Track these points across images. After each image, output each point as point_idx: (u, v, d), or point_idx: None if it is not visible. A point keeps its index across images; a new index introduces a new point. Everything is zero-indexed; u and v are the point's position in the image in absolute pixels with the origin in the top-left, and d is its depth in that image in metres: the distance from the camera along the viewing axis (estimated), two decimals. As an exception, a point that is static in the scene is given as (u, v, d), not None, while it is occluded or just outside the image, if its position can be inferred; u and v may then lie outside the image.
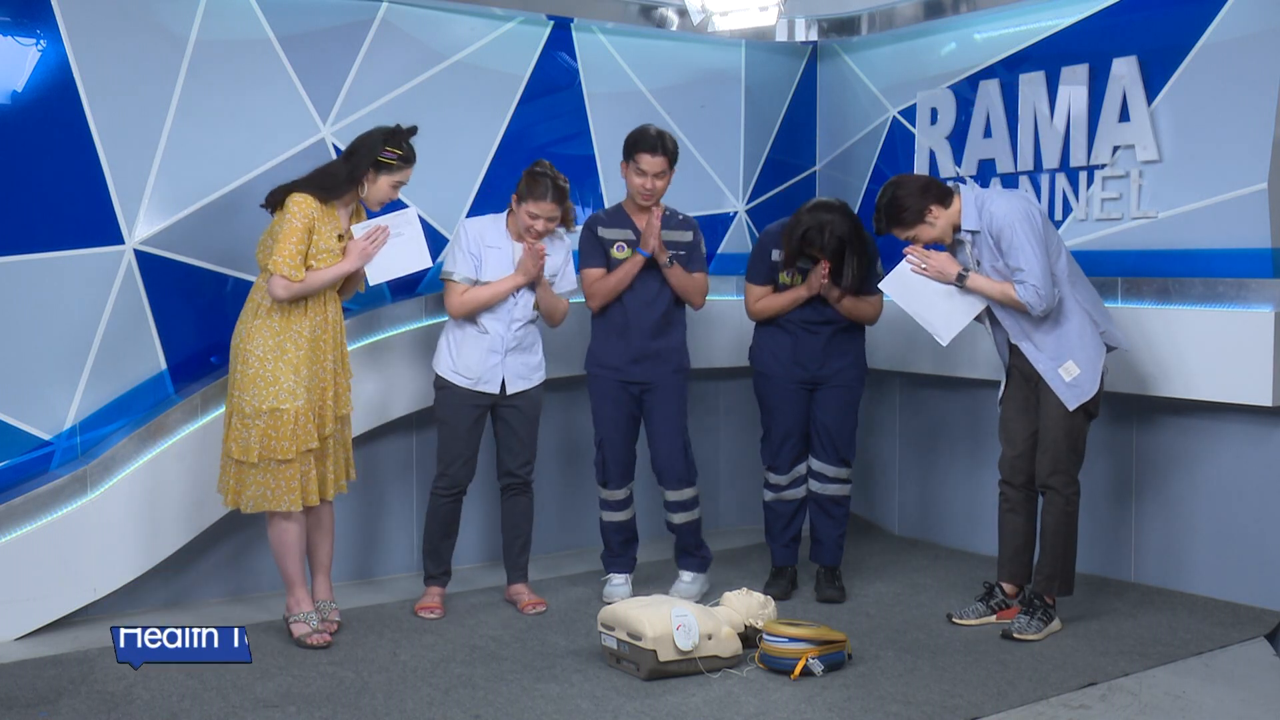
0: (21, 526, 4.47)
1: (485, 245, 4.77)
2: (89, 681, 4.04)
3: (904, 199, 4.48)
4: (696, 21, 5.89)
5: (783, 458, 5.09)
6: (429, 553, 4.89)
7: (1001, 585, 4.68)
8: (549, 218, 4.69)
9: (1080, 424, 4.49)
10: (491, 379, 4.79)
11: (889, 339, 5.56)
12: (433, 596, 4.86)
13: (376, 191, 4.41)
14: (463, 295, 4.75)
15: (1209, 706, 3.87)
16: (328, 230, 4.35)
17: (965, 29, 5.83)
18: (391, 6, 5.32)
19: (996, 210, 4.42)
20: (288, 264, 4.23)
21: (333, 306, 4.43)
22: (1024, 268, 4.34)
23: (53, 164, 4.63)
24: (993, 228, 4.41)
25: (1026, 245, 4.34)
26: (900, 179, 4.57)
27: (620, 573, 5.12)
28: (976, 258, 4.51)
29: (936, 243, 4.54)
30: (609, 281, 4.88)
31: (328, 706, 3.83)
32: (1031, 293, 4.34)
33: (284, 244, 4.24)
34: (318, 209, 4.32)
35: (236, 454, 4.32)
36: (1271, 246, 4.73)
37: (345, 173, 4.39)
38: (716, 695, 3.93)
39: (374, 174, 4.38)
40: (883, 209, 4.52)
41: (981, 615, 4.64)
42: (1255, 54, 4.73)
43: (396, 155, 4.39)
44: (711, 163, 6.24)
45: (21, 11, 4.57)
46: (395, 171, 4.40)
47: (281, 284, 4.25)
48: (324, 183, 4.37)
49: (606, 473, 5.04)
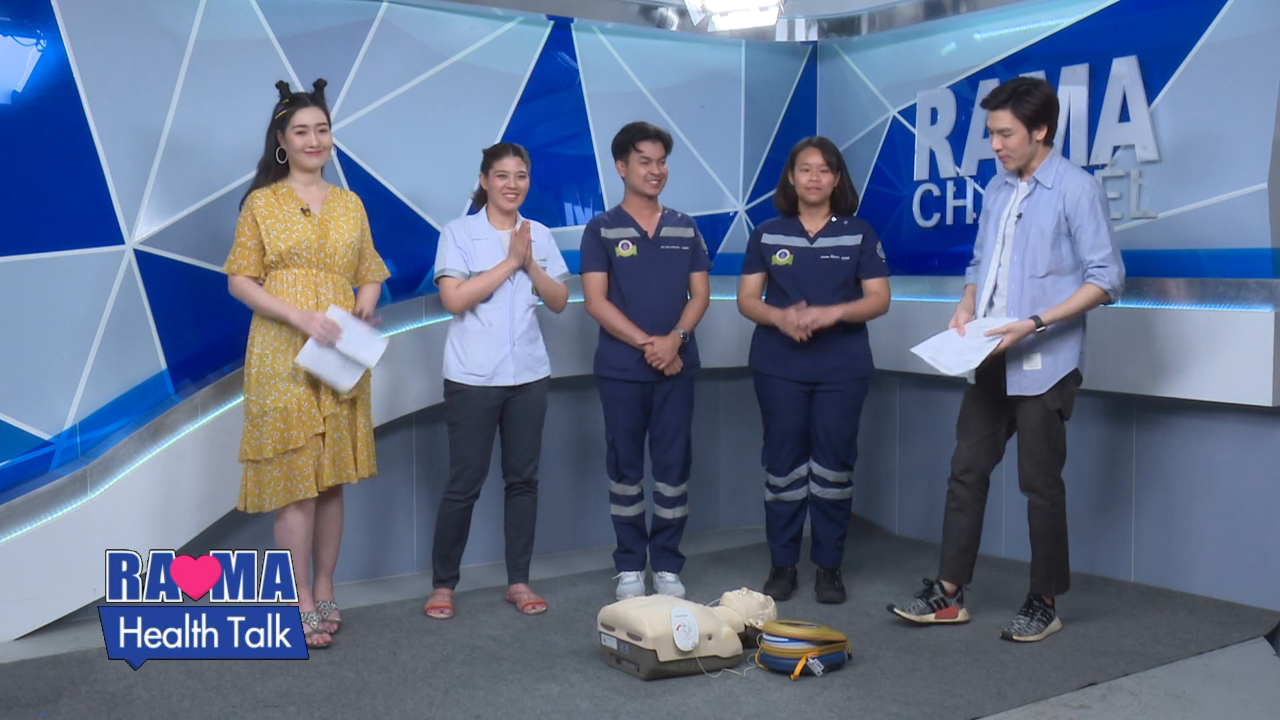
0: (21, 526, 4.48)
1: (472, 239, 4.83)
2: (89, 681, 4.04)
3: (1045, 98, 4.37)
4: (696, 21, 5.89)
5: (781, 459, 5.09)
6: (440, 557, 4.91)
7: (942, 583, 4.67)
8: (518, 173, 4.80)
9: (1058, 424, 4.48)
10: (504, 371, 4.82)
11: (889, 339, 5.56)
12: (442, 597, 4.88)
13: (292, 145, 4.41)
14: (459, 288, 4.77)
15: (1209, 706, 3.87)
16: (284, 210, 4.38)
17: (965, 29, 5.83)
18: (391, 6, 5.32)
19: (1076, 182, 4.36)
20: (226, 261, 4.40)
21: (329, 291, 4.42)
22: (1104, 249, 4.32)
23: (53, 164, 4.63)
24: (1069, 198, 4.35)
25: (1104, 226, 4.35)
26: (1051, 89, 4.48)
27: (632, 570, 5.14)
28: (1019, 211, 4.43)
29: (1008, 158, 4.40)
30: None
31: (328, 706, 3.83)
32: (1114, 276, 4.33)
33: (232, 244, 4.41)
34: (266, 197, 4.39)
35: (252, 455, 4.34)
36: (1271, 246, 4.73)
37: (267, 151, 4.45)
38: (716, 695, 3.93)
39: (283, 135, 4.41)
40: (1023, 86, 4.37)
41: (921, 612, 4.62)
42: (1255, 54, 4.73)
43: (286, 106, 4.41)
44: (711, 163, 6.24)
45: (21, 11, 4.57)
46: (290, 120, 4.39)
47: (229, 281, 4.41)
48: (259, 173, 4.47)
49: (620, 469, 5.09)
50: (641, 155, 4.97)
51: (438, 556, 4.91)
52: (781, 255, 5.00)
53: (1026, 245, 4.41)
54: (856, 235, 4.99)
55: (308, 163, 4.43)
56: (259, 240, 4.35)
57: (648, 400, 5.06)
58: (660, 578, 5.16)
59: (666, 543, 5.17)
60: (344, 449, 4.48)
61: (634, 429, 5.07)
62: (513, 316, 4.83)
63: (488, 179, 4.84)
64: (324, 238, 4.41)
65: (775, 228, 5.08)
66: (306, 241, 4.37)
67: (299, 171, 4.44)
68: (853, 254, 4.98)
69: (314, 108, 4.42)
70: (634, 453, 5.10)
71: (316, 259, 4.40)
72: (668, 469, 5.10)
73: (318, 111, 4.42)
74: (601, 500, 5.47)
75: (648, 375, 5.00)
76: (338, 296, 4.44)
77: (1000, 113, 4.39)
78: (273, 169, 4.43)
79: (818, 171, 4.92)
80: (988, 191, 4.67)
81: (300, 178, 4.45)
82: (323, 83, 4.50)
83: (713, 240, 6.12)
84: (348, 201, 4.55)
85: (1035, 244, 4.39)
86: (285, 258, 4.35)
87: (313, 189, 4.47)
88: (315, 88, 4.49)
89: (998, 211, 4.52)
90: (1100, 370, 5.10)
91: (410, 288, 5.35)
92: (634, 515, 5.15)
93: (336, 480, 4.46)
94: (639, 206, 5.07)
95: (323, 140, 4.42)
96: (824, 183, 4.93)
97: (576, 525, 5.94)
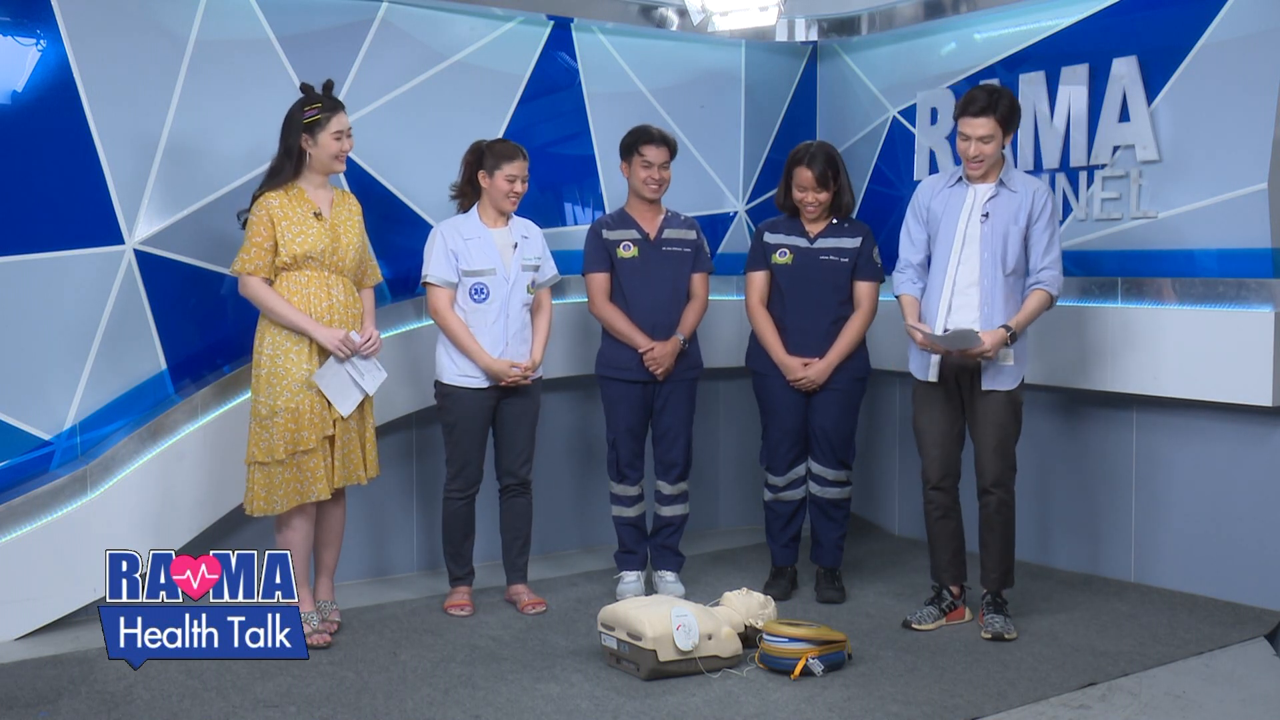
0: (21, 526, 4.47)
1: (464, 239, 4.81)
2: (89, 681, 4.04)
3: (1015, 105, 4.50)
4: (696, 21, 5.89)
5: (780, 459, 5.09)
6: (452, 555, 4.92)
7: (949, 588, 4.70)
8: (524, 177, 4.83)
9: (1020, 416, 4.60)
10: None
11: (889, 339, 5.56)
12: (461, 595, 4.90)
13: (323, 150, 4.39)
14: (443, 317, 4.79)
15: (1209, 706, 3.87)
16: (298, 213, 4.37)
17: (965, 29, 5.83)
18: (391, 6, 5.32)
19: (1041, 187, 4.55)
20: (237, 260, 4.36)
21: (340, 294, 4.43)
22: (1054, 254, 4.51)
23: (53, 164, 4.63)
24: (1037, 201, 4.49)
25: (1057, 232, 4.57)
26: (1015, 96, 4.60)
27: (633, 570, 5.15)
28: (984, 210, 4.49)
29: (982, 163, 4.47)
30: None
31: (328, 706, 3.83)
32: (1061, 282, 4.54)
33: (244, 244, 4.37)
34: (279, 199, 4.36)
35: (260, 456, 4.33)
36: (1271, 246, 4.73)
37: (283, 154, 4.41)
38: (716, 695, 3.93)
39: (310, 138, 4.38)
40: (998, 94, 4.46)
41: (935, 619, 4.65)
42: (1255, 54, 4.73)
43: (317, 109, 4.39)
44: (711, 163, 6.24)
45: (21, 11, 4.57)
46: (327, 124, 4.38)
47: (240, 281, 4.38)
48: (273, 174, 4.42)
49: (621, 470, 5.09)
50: (644, 159, 4.99)
51: (449, 554, 4.92)
52: (781, 254, 5.01)
53: (998, 243, 4.47)
54: (856, 238, 5.00)
55: (339, 167, 4.46)
56: (273, 241, 4.33)
57: (649, 401, 5.07)
58: (660, 577, 5.16)
59: (666, 541, 5.17)
60: (353, 450, 4.48)
61: (635, 429, 5.08)
62: (507, 317, 4.82)
63: (490, 178, 4.82)
64: (336, 241, 4.42)
65: (777, 227, 5.09)
66: (321, 245, 4.37)
67: (314, 174, 4.44)
68: (851, 256, 4.99)
69: (343, 112, 4.43)
70: (635, 453, 5.10)
71: (330, 262, 4.41)
72: (669, 468, 5.11)
73: (345, 116, 4.44)
74: (602, 500, 5.47)
75: (650, 376, 5.01)
76: (347, 298, 4.45)
77: (983, 119, 4.44)
78: (286, 171, 4.39)
79: (812, 192, 4.94)
80: (926, 195, 4.65)
81: (313, 180, 4.44)
82: (331, 84, 4.50)
83: (713, 240, 6.12)
84: (350, 205, 4.56)
85: (1011, 241, 4.47)
86: (299, 260, 4.35)
87: (321, 192, 4.47)
88: (328, 90, 4.48)
89: (952, 213, 4.54)
90: (1100, 370, 5.10)
91: (410, 288, 5.34)
92: (634, 516, 5.15)
93: (346, 481, 4.47)
94: (641, 208, 5.08)
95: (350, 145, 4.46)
96: (819, 200, 4.95)
97: (577, 525, 5.94)
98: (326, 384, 4.36)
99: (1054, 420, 5.45)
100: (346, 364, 4.38)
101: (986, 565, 4.62)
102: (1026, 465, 4.90)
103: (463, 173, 4.92)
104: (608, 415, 5.13)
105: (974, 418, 4.60)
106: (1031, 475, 5.26)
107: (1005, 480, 4.58)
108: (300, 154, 4.39)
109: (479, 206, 4.88)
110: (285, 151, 4.40)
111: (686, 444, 5.12)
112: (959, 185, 4.57)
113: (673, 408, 5.07)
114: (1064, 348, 5.21)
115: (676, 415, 5.08)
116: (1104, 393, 5.17)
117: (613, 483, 5.15)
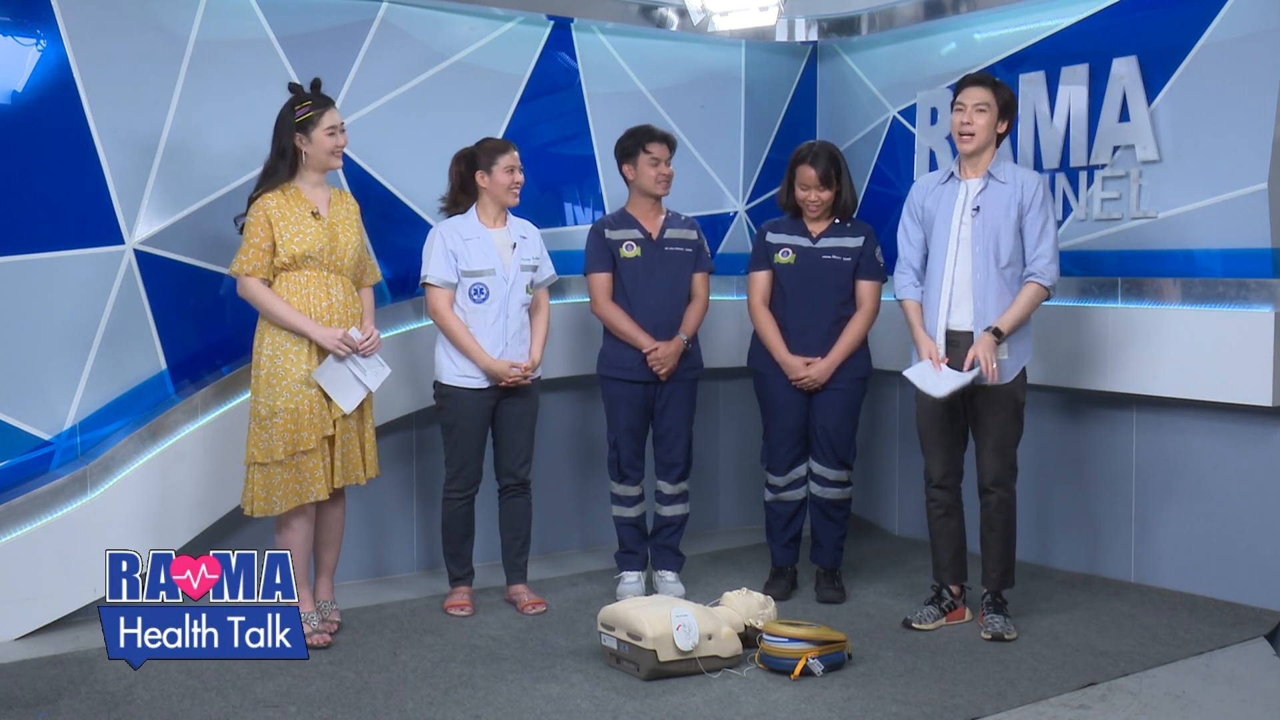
0: (21, 526, 4.47)
1: (463, 239, 4.81)
2: (89, 681, 4.04)
3: (1013, 96, 4.55)
4: (696, 21, 5.89)
5: (780, 459, 5.09)
6: (452, 555, 4.92)
7: (949, 588, 4.70)
8: (520, 166, 4.83)
9: (1022, 414, 4.60)
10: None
11: (889, 339, 5.56)
12: (462, 595, 4.90)
13: (319, 148, 4.39)
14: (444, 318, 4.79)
15: (1209, 706, 3.87)
16: (295, 213, 4.36)
17: (965, 29, 5.83)
18: (391, 6, 5.32)
19: (1033, 177, 4.52)
20: (235, 261, 4.36)
21: (339, 293, 4.42)
22: (1048, 245, 4.46)
23: (53, 164, 4.63)
24: (1027, 190, 4.47)
25: (1051, 222, 4.51)
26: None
27: (633, 570, 5.15)
28: (975, 204, 4.49)
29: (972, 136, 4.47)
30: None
31: (328, 706, 3.83)
32: (1055, 273, 4.49)
33: (242, 245, 4.36)
34: (276, 199, 4.35)
35: (260, 457, 4.32)
36: (1271, 246, 4.73)
37: (276, 154, 4.41)
38: (716, 695, 3.93)
39: (305, 137, 4.38)
40: (1002, 82, 4.51)
41: (935, 619, 4.65)
42: (1255, 54, 4.73)
43: (308, 107, 4.39)
44: (711, 163, 6.24)
45: (21, 11, 4.57)
46: (319, 121, 4.38)
47: (238, 282, 4.38)
48: (267, 175, 4.42)
49: (622, 469, 5.10)
50: (651, 157, 5.00)
51: (449, 555, 4.93)
52: (784, 254, 5.01)
53: (990, 237, 4.46)
54: (858, 237, 5.01)
55: (336, 163, 4.46)
56: (271, 242, 4.33)
57: (650, 401, 5.07)
58: (660, 577, 5.16)
59: (667, 541, 5.17)
60: (353, 450, 4.48)
61: (636, 429, 5.08)
62: (506, 317, 4.82)
63: (490, 175, 4.81)
64: (334, 240, 4.41)
65: (780, 226, 5.09)
66: (319, 245, 4.37)
67: (310, 173, 4.43)
68: (853, 255, 4.99)
69: (334, 108, 4.43)
70: (635, 453, 5.10)
71: (328, 262, 4.40)
72: (670, 468, 5.12)
73: (336, 112, 4.43)
74: (602, 500, 5.47)
75: (651, 376, 5.02)
76: (346, 297, 4.44)
77: (980, 89, 4.47)
78: (281, 171, 4.39)
79: (815, 191, 4.94)
80: (920, 194, 4.66)
81: (310, 179, 4.44)
82: (319, 82, 4.50)
83: (713, 240, 6.12)
84: (348, 204, 4.56)
85: (1003, 235, 4.46)
86: (298, 261, 4.35)
87: (318, 191, 4.47)
88: (316, 88, 4.48)
89: (945, 211, 4.54)
90: (1100, 370, 5.10)
91: (410, 288, 5.34)
92: (635, 516, 5.16)
93: (346, 482, 4.47)
94: (643, 208, 5.09)
95: (344, 140, 4.45)
96: (822, 199, 4.96)
97: (577, 525, 5.94)
98: (327, 380, 4.35)
99: (1054, 420, 5.45)
100: (347, 361, 4.38)
101: (987, 565, 4.63)
102: (1026, 465, 4.90)
103: (453, 182, 4.91)
104: (609, 415, 5.13)
105: (975, 417, 4.60)
106: (1031, 475, 5.26)
107: (1005, 480, 4.58)
108: (295, 153, 4.39)
109: (478, 207, 4.88)
110: (279, 152, 4.40)
111: (687, 444, 5.13)
112: (951, 182, 4.57)
113: (674, 408, 5.08)
114: (1064, 348, 5.21)
115: (677, 415, 5.09)
116: (1104, 393, 5.17)
117: (613, 483, 5.15)
